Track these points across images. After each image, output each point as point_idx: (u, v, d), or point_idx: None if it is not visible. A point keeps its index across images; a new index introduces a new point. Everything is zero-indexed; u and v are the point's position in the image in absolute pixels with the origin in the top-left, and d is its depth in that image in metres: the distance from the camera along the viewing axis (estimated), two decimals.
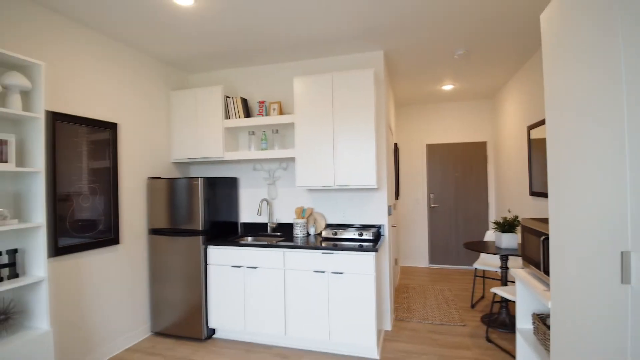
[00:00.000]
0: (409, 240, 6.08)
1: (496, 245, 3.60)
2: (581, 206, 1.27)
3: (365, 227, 3.47)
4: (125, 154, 3.19)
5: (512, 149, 4.59)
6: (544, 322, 1.95)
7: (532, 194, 3.79)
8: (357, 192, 3.54)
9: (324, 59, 3.64)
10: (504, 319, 3.45)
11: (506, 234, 3.45)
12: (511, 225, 3.48)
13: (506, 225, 3.50)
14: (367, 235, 3.18)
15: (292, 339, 3.13)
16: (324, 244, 3.02)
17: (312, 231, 3.55)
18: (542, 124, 3.45)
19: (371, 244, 3.00)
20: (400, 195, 6.12)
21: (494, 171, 5.67)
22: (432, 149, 6.01)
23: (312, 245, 3.01)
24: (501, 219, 4.02)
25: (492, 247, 3.57)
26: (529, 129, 3.84)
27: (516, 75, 4.32)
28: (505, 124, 4.93)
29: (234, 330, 3.28)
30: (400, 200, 6.13)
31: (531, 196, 3.87)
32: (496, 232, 3.58)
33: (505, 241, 3.46)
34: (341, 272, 2.89)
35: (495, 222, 3.60)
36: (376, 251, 2.83)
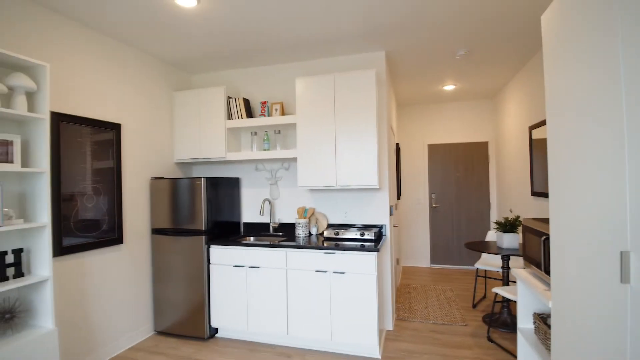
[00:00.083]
0: (411, 240, 6.09)
1: (498, 245, 3.60)
2: (581, 206, 1.28)
3: (366, 227, 3.48)
4: (128, 155, 3.21)
5: (514, 149, 4.59)
6: (544, 321, 1.96)
7: (533, 194, 3.80)
8: (359, 192, 3.55)
9: (325, 60, 3.65)
10: (505, 319, 3.46)
11: (507, 234, 3.46)
12: (512, 225, 3.49)
13: (507, 225, 3.50)
14: (369, 235, 3.20)
15: (294, 338, 3.15)
16: (325, 244, 3.03)
17: (314, 231, 3.56)
18: (543, 124, 3.46)
19: (373, 244, 3.01)
20: (401, 195, 6.13)
21: (495, 171, 5.67)
22: (433, 149, 6.01)
23: (314, 245, 3.03)
24: (502, 219, 4.03)
25: (494, 247, 3.58)
26: (531, 129, 3.85)
27: (517, 75, 4.32)
28: (506, 124, 4.93)
29: (236, 329, 3.30)
30: (401, 200, 6.14)
31: (533, 196, 3.87)
32: (497, 232, 3.59)
33: (506, 241, 3.47)
34: (343, 272, 2.91)
35: (496, 222, 3.60)
36: (378, 251, 2.85)
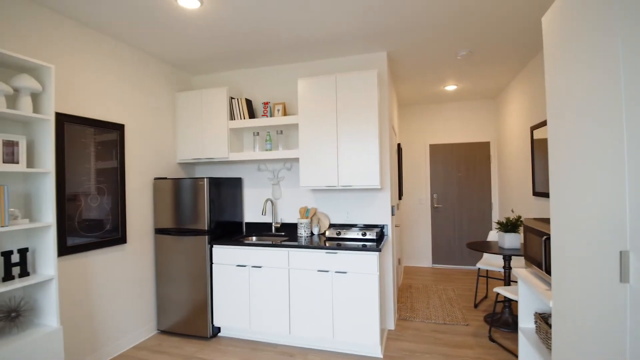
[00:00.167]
0: (412, 240, 6.10)
1: (499, 245, 3.61)
2: (581, 206, 1.29)
3: (368, 227, 3.49)
4: (131, 155, 3.24)
5: (516, 149, 4.60)
6: (546, 321, 1.97)
7: (535, 194, 3.80)
8: (361, 192, 3.57)
9: (327, 60, 3.67)
10: (506, 319, 3.47)
11: (509, 234, 3.47)
12: (514, 225, 3.50)
13: (509, 225, 3.51)
14: (371, 235, 3.21)
15: (296, 337, 3.16)
16: (327, 244, 3.05)
17: (315, 231, 3.58)
18: (545, 124, 3.46)
19: (374, 243, 3.03)
20: (403, 195, 6.14)
21: (497, 171, 5.67)
22: (435, 149, 6.02)
23: (316, 244, 3.04)
24: (504, 219, 4.03)
25: (495, 247, 3.59)
26: (532, 129, 3.85)
27: (519, 75, 4.33)
28: (508, 124, 4.94)
29: (239, 328, 3.32)
30: (403, 200, 6.15)
31: (534, 196, 3.88)
32: (499, 232, 3.59)
33: (508, 241, 3.48)
34: (345, 272, 2.92)
35: (498, 222, 3.61)
36: (379, 251, 2.86)
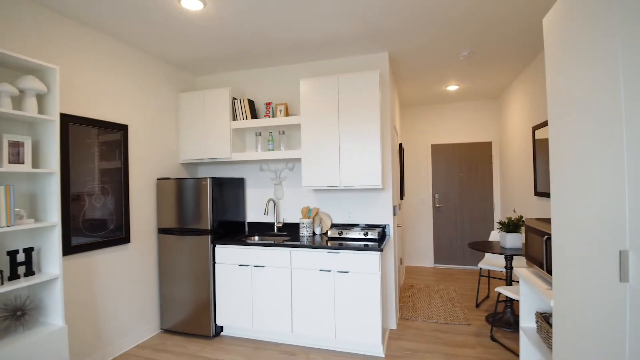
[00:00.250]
0: (414, 240, 6.11)
1: (501, 245, 3.62)
2: (581, 206, 1.30)
3: (370, 227, 3.50)
4: (135, 155, 3.26)
5: (517, 149, 4.60)
6: (547, 320, 1.98)
7: (537, 194, 3.81)
8: (363, 192, 3.58)
9: (329, 61, 3.68)
10: (508, 318, 3.48)
11: (511, 234, 3.47)
12: (516, 225, 3.50)
13: (511, 225, 3.52)
14: (373, 234, 3.22)
15: (298, 336, 3.18)
16: (329, 244, 3.06)
17: (317, 231, 3.59)
18: (546, 124, 3.47)
19: (376, 243, 3.04)
20: (405, 195, 6.14)
21: (499, 171, 5.68)
22: (437, 149, 6.02)
23: (318, 244, 3.06)
24: (506, 219, 4.04)
25: (497, 247, 3.59)
26: (534, 129, 3.86)
27: (521, 75, 4.33)
28: (510, 124, 4.94)
29: (241, 327, 3.34)
30: (405, 200, 6.16)
31: (536, 196, 3.88)
32: (501, 232, 3.60)
33: (509, 241, 3.48)
34: (347, 271, 2.94)
35: (500, 222, 3.62)
36: (381, 250, 2.87)
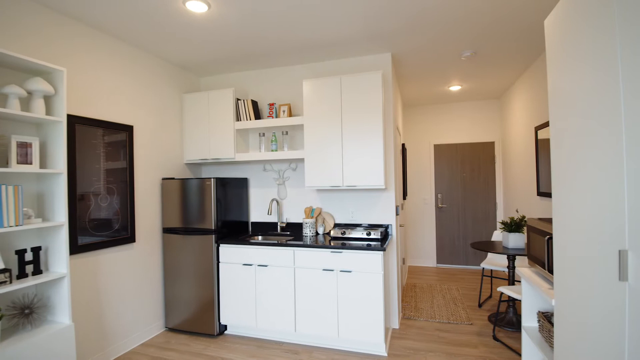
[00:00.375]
0: (417, 240, 6.12)
1: (503, 245, 3.63)
2: (582, 206, 1.32)
3: (373, 227, 3.52)
4: (140, 155, 3.30)
5: (520, 149, 4.61)
6: (548, 320, 2.00)
7: (539, 194, 3.81)
8: (365, 192, 3.60)
9: (332, 61, 3.70)
10: (510, 318, 3.49)
11: (513, 234, 3.48)
12: (518, 225, 3.51)
13: (513, 225, 3.52)
14: (375, 234, 3.24)
15: (302, 335, 3.21)
16: (332, 243, 3.08)
17: (320, 230, 3.62)
18: (548, 124, 3.47)
19: (379, 243, 3.06)
20: (407, 195, 6.16)
21: (501, 171, 5.68)
22: (439, 149, 6.03)
23: (321, 244, 3.08)
24: (508, 219, 4.05)
25: (500, 247, 3.60)
26: (537, 129, 3.86)
27: (523, 75, 4.33)
28: (513, 124, 4.94)
29: (245, 326, 3.37)
30: (407, 200, 6.17)
31: (539, 196, 3.89)
32: (503, 232, 3.61)
33: (512, 241, 3.49)
34: (350, 271, 2.96)
35: (502, 222, 3.63)
36: (384, 250, 2.89)
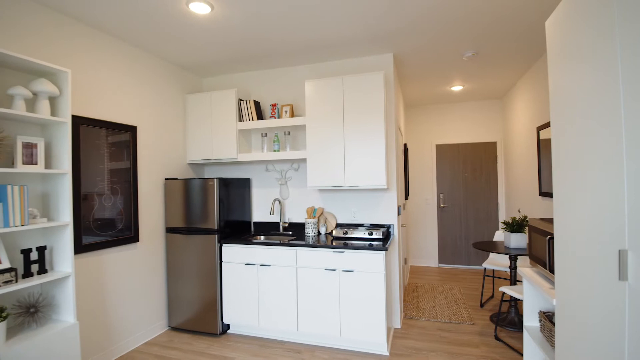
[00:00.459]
0: (419, 240, 6.13)
1: (505, 245, 3.63)
2: (582, 206, 1.33)
3: (375, 227, 3.54)
4: (143, 155, 3.32)
5: (522, 150, 4.61)
6: (550, 319, 2.00)
7: (541, 194, 3.82)
8: (367, 192, 3.61)
9: (334, 62, 3.72)
10: (512, 318, 3.49)
11: (515, 234, 3.49)
12: (520, 225, 3.52)
13: (515, 225, 3.53)
14: (377, 234, 3.25)
15: (304, 334, 3.22)
16: (334, 243, 3.10)
17: (323, 230, 3.63)
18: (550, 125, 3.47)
19: (381, 243, 3.07)
20: (409, 195, 6.16)
21: (503, 171, 5.68)
22: (441, 149, 6.04)
23: (323, 244, 3.10)
24: (510, 219, 4.05)
25: (501, 247, 3.61)
26: (538, 129, 3.87)
27: (525, 76, 4.33)
28: (515, 124, 4.94)
29: (247, 325, 3.38)
30: (409, 200, 6.18)
31: (541, 196, 3.89)
32: (505, 232, 3.62)
33: (514, 241, 3.50)
34: (352, 270, 2.97)
35: (504, 222, 3.63)
36: (386, 250, 2.91)
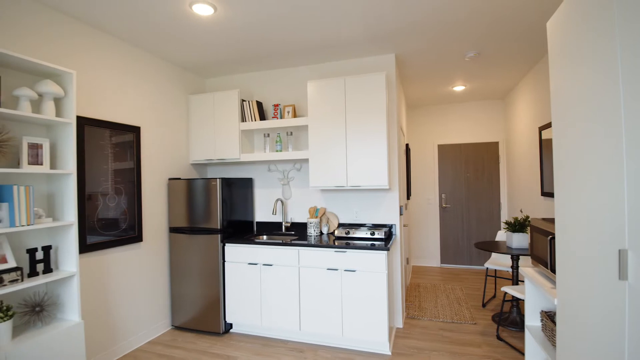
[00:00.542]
0: (421, 240, 6.13)
1: (507, 245, 3.64)
2: (582, 206, 1.34)
3: (377, 227, 3.55)
4: (147, 156, 3.34)
5: (524, 150, 4.61)
6: (551, 319, 2.01)
7: (543, 194, 3.82)
8: (369, 192, 3.62)
9: (336, 62, 3.73)
10: (514, 318, 3.49)
11: (517, 234, 3.49)
12: (522, 225, 3.52)
13: (517, 225, 3.53)
14: (379, 234, 3.26)
15: (306, 334, 3.24)
16: (336, 243, 3.11)
17: (325, 230, 3.65)
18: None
19: (383, 243, 3.08)
20: (411, 195, 6.17)
21: (506, 171, 5.68)
22: (443, 149, 6.04)
23: (326, 243, 3.11)
24: (512, 219, 4.05)
25: (503, 247, 3.61)
26: (540, 129, 3.87)
27: (527, 76, 4.34)
28: (517, 124, 4.94)
29: (250, 325, 3.40)
30: (411, 200, 6.18)
31: (543, 196, 3.89)
32: (507, 232, 3.62)
33: (516, 241, 3.50)
34: (354, 270, 2.98)
35: (506, 222, 3.64)
36: (388, 250, 2.92)
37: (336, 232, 3.43)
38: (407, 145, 5.41)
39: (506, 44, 3.32)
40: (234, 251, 3.38)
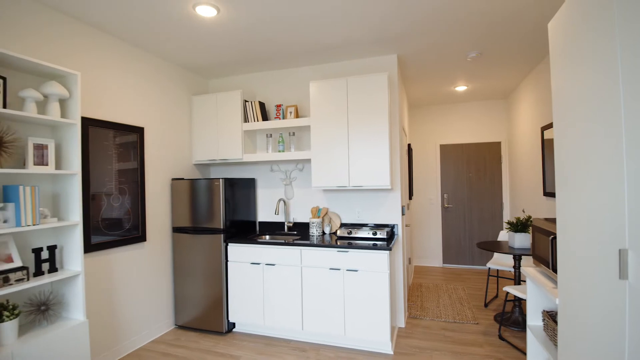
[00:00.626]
0: (423, 239, 6.13)
1: (509, 245, 3.64)
2: (583, 206, 1.35)
3: (379, 227, 3.56)
4: (150, 156, 3.37)
5: (526, 150, 4.60)
6: (553, 318, 2.02)
7: (545, 194, 3.82)
8: (371, 192, 3.63)
9: (338, 63, 3.74)
10: (516, 318, 3.50)
11: (519, 234, 3.49)
12: (524, 225, 3.52)
13: (519, 225, 3.53)
14: (381, 234, 3.27)
15: (309, 333, 3.25)
16: (339, 243, 3.12)
17: (327, 230, 3.66)
18: None
19: (385, 242, 3.09)
20: (413, 195, 6.17)
21: (508, 171, 5.67)
22: (445, 149, 6.04)
23: (328, 243, 3.12)
24: (514, 219, 4.05)
25: (506, 247, 3.61)
26: (543, 129, 3.87)
27: (529, 76, 4.33)
28: (519, 124, 4.94)
29: (253, 324, 3.42)
30: (413, 200, 6.18)
31: (545, 196, 3.89)
32: (509, 232, 3.62)
33: (518, 241, 3.50)
34: (356, 270, 3.00)
35: (508, 222, 3.64)
36: (390, 250, 2.93)
37: (338, 232, 3.45)
38: (409, 145, 5.41)
39: (508, 44, 3.33)
40: (236, 251, 3.40)
